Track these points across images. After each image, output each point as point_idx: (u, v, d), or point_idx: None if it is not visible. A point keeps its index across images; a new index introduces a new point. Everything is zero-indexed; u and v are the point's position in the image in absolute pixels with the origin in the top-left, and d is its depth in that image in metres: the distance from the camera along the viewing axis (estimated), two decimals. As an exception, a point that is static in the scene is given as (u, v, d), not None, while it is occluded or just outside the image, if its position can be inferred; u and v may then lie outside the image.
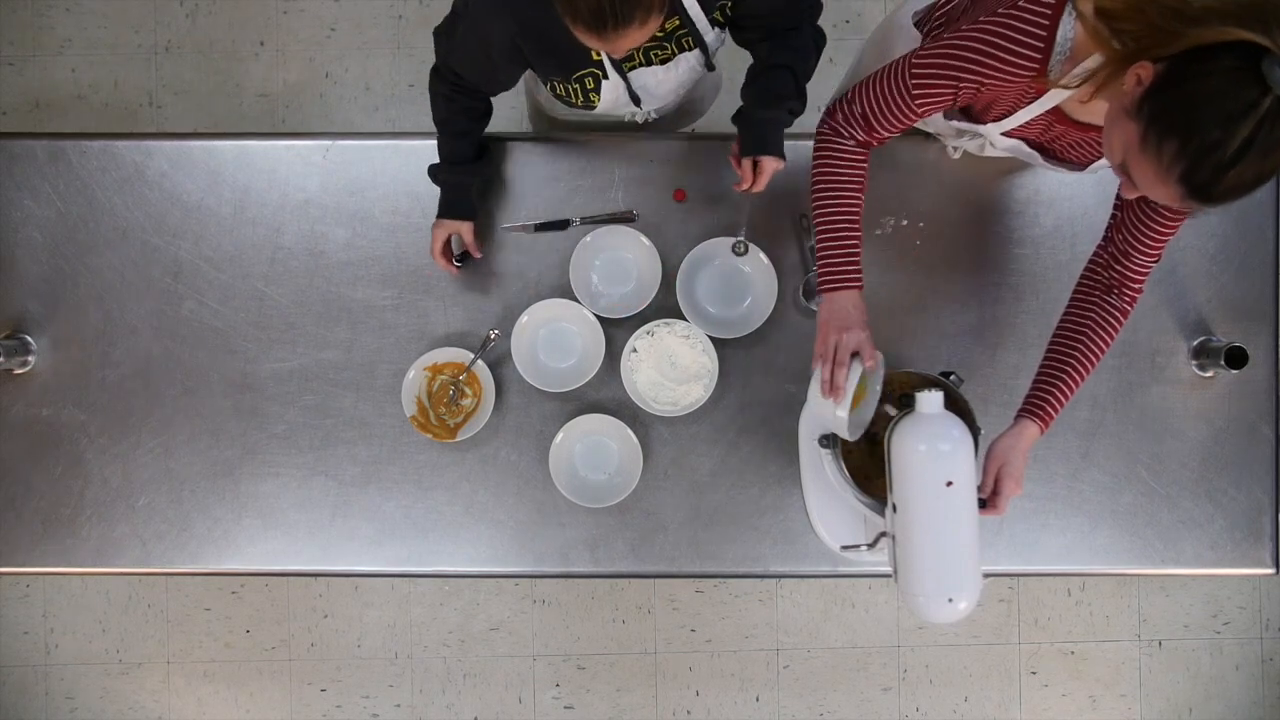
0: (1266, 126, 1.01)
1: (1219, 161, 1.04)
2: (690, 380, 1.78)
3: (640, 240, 1.79)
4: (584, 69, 1.56)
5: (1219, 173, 1.05)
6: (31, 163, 1.84)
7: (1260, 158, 1.03)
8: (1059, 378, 1.50)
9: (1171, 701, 2.81)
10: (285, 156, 1.85)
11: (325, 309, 1.84)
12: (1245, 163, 1.03)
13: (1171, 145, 1.06)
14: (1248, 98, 1.00)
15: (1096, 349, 1.51)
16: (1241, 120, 1.01)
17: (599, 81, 1.57)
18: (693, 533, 1.83)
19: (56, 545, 1.84)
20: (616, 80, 1.57)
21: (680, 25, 1.52)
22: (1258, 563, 1.83)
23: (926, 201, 1.83)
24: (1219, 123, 1.02)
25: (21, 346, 1.82)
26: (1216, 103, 1.02)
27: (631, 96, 1.61)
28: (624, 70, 1.56)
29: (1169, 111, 1.06)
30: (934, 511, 1.37)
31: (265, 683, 2.79)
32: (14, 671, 2.80)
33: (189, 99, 2.83)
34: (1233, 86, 1.01)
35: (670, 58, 1.57)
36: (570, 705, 2.78)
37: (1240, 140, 1.02)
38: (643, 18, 1.26)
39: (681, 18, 1.50)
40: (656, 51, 1.56)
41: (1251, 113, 1.01)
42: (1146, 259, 1.47)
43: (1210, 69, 1.03)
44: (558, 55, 1.53)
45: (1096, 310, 1.51)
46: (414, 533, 1.83)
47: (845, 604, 2.78)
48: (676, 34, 1.54)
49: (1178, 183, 1.08)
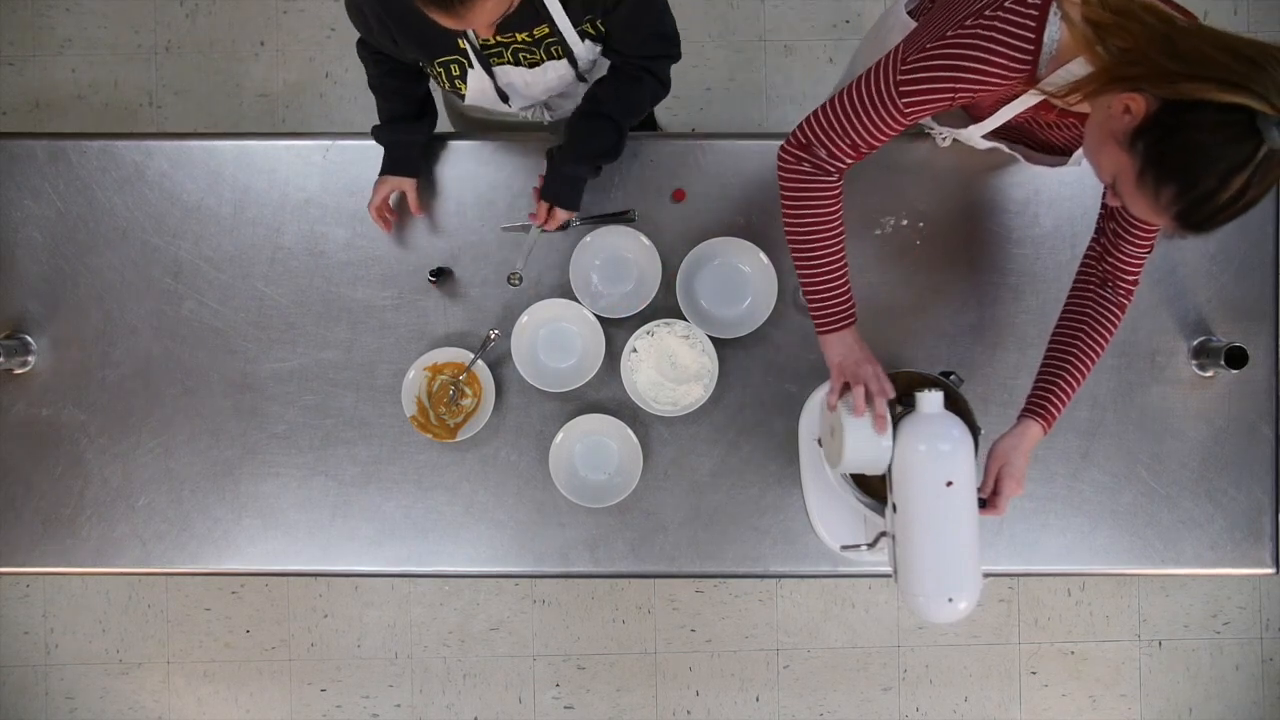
0: (1259, 174, 1.06)
1: (1214, 207, 1.09)
2: (690, 380, 1.78)
3: (640, 240, 1.79)
4: (447, 55, 1.55)
5: (1213, 215, 1.10)
6: (31, 163, 1.84)
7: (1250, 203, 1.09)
8: (1059, 376, 1.50)
9: (1171, 701, 2.81)
10: (285, 156, 1.85)
11: (325, 309, 1.84)
12: (1236, 208, 1.09)
13: (1169, 190, 1.10)
14: (1243, 152, 1.05)
15: (1096, 346, 1.51)
16: (1237, 173, 1.06)
17: (464, 69, 1.57)
18: (693, 533, 1.83)
19: (56, 545, 1.84)
20: (481, 73, 1.57)
21: (550, 34, 1.51)
22: (1258, 563, 1.83)
23: (926, 201, 1.83)
24: (1217, 175, 1.07)
25: (21, 346, 1.82)
26: (1214, 156, 1.06)
27: (498, 92, 1.62)
28: (489, 64, 1.56)
29: (1167, 157, 1.10)
30: (934, 511, 1.37)
31: (265, 683, 2.79)
32: (14, 671, 2.80)
33: (189, 99, 2.83)
34: (1230, 141, 1.05)
35: (539, 63, 1.57)
36: (570, 705, 2.78)
37: (1235, 189, 1.07)
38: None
39: (550, 26, 1.50)
40: (525, 54, 1.56)
41: (1247, 165, 1.05)
42: (1138, 248, 1.47)
43: (1207, 121, 1.07)
44: (420, 37, 1.52)
45: (1093, 306, 1.51)
46: (414, 533, 1.83)
47: (845, 604, 2.78)
48: (545, 41, 1.53)
49: (1171, 219, 1.13)
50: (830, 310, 1.48)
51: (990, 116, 1.42)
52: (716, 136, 1.90)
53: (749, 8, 2.83)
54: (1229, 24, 2.81)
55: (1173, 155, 1.09)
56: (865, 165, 1.79)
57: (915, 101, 1.31)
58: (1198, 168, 1.08)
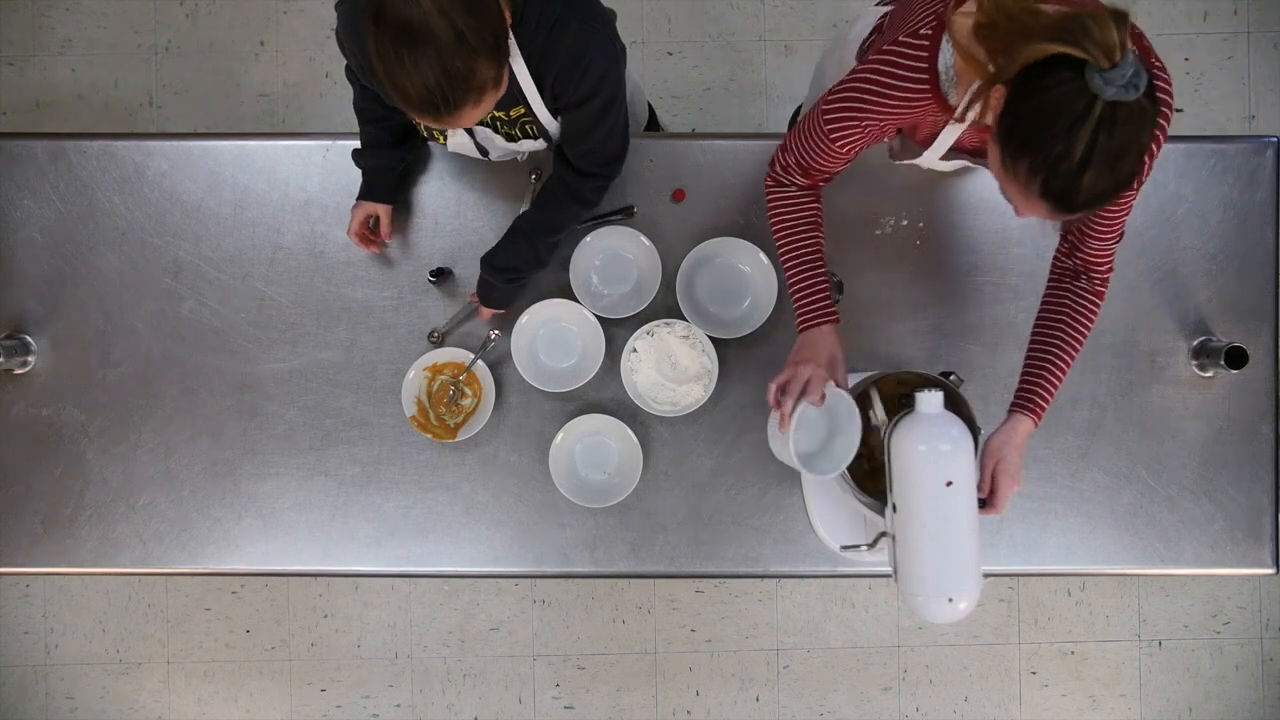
0: (1104, 132, 1.07)
1: (1069, 170, 1.09)
2: (690, 380, 1.78)
3: (640, 240, 1.79)
4: None
5: (1073, 181, 1.10)
6: (31, 163, 1.84)
7: (1109, 162, 1.09)
8: (1044, 368, 1.50)
9: (1171, 701, 2.81)
10: (285, 156, 1.85)
11: (325, 309, 1.84)
12: (1095, 168, 1.09)
13: (1024, 163, 1.12)
14: (1079, 107, 1.06)
15: (1077, 336, 1.51)
16: (1078, 129, 1.07)
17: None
18: (693, 533, 1.83)
19: (56, 545, 1.84)
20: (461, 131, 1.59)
21: (525, 114, 1.54)
22: (1258, 563, 1.83)
23: (926, 201, 1.83)
24: (1059, 135, 1.08)
25: (21, 346, 1.82)
26: (1053, 116, 1.09)
27: (478, 147, 1.65)
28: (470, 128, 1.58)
29: (1016, 130, 1.13)
30: (934, 511, 1.37)
31: (265, 683, 2.79)
32: (14, 671, 2.80)
33: (189, 99, 2.83)
34: (1065, 99, 1.07)
35: (515, 139, 1.60)
36: (570, 705, 2.78)
37: (1083, 147, 1.08)
38: (475, 99, 1.26)
39: (526, 108, 1.52)
40: (502, 128, 1.58)
41: (1086, 120, 1.06)
42: (1104, 241, 1.47)
43: (1045, 84, 1.09)
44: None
45: (1070, 297, 1.51)
46: (414, 533, 1.83)
47: (845, 604, 2.78)
48: (521, 121, 1.55)
49: (1040, 197, 1.14)
50: (805, 308, 1.54)
51: (933, 145, 1.44)
52: (716, 136, 1.90)
53: (749, 8, 2.83)
54: (1229, 24, 2.81)
55: (1019, 127, 1.12)
56: (866, 166, 1.80)
57: (838, 133, 1.40)
58: (1041, 132, 1.10)
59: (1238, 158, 1.83)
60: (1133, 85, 1.05)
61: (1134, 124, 1.07)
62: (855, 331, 1.82)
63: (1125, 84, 1.05)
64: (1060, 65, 1.08)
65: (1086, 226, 1.46)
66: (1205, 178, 1.83)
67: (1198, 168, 1.83)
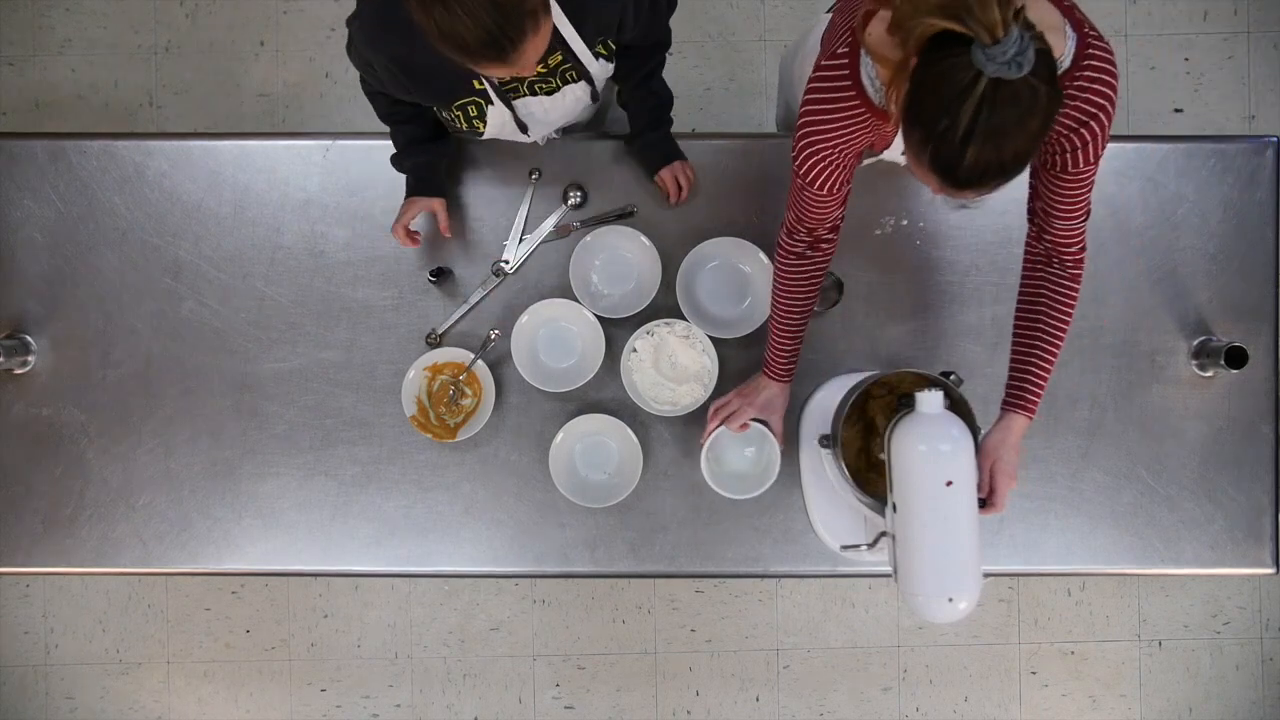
0: (987, 108, 1.08)
1: (952, 144, 1.11)
2: (690, 380, 1.78)
3: (640, 240, 1.79)
4: (465, 97, 1.55)
5: (956, 155, 1.11)
6: (31, 163, 1.84)
7: (993, 139, 1.10)
8: (1030, 362, 1.50)
9: (1171, 701, 2.81)
10: (285, 156, 1.85)
11: (325, 309, 1.84)
12: (977, 144, 1.10)
13: (916, 135, 1.15)
14: (962, 81, 1.08)
15: (1059, 324, 1.50)
16: (962, 102, 1.08)
17: (483, 109, 1.57)
18: (693, 533, 1.82)
19: (56, 545, 1.84)
20: (501, 108, 1.57)
21: (564, 60, 1.52)
22: (1258, 563, 1.83)
23: (926, 201, 1.83)
24: (943, 108, 1.10)
25: (21, 346, 1.82)
26: (940, 88, 1.10)
27: (518, 124, 1.62)
28: (509, 99, 1.56)
29: (910, 103, 1.15)
30: (934, 511, 1.37)
31: (265, 683, 2.79)
32: (14, 671, 2.80)
33: (189, 99, 2.83)
34: (951, 73, 1.09)
35: (555, 90, 1.58)
36: (570, 705, 2.78)
37: (966, 121, 1.09)
38: (533, 24, 1.24)
39: (564, 52, 1.50)
40: (541, 85, 1.56)
41: (969, 95, 1.08)
42: (1070, 220, 1.45)
43: (936, 59, 1.11)
44: (435, 86, 1.52)
45: (1046, 285, 1.50)
46: (414, 533, 1.83)
47: (845, 604, 2.78)
48: (560, 68, 1.54)
49: (929, 170, 1.16)
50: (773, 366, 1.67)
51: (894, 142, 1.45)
52: (716, 136, 1.90)
53: (749, 8, 2.83)
54: (1229, 24, 2.81)
55: (913, 99, 1.14)
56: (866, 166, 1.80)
57: (810, 174, 1.41)
58: (929, 104, 1.12)
59: (1238, 158, 1.83)
60: (1016, 63, 1.05)
61: (1019, 104, 1.08)
62: (855, 331, 1.82)
63: (1008, 60, 1.05)
64: (956, 41, 1.09)
65: (1049, 206, 1.45)
66: (1205, 178, 1.83)
67: (1198, 168, 1.83)
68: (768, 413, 1.69)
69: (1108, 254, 1.83)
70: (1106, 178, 1.79)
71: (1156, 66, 2.81)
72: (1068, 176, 1.39)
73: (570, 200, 1.82)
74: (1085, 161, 1.36)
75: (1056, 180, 1.40)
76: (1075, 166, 1.37)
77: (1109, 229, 1.83)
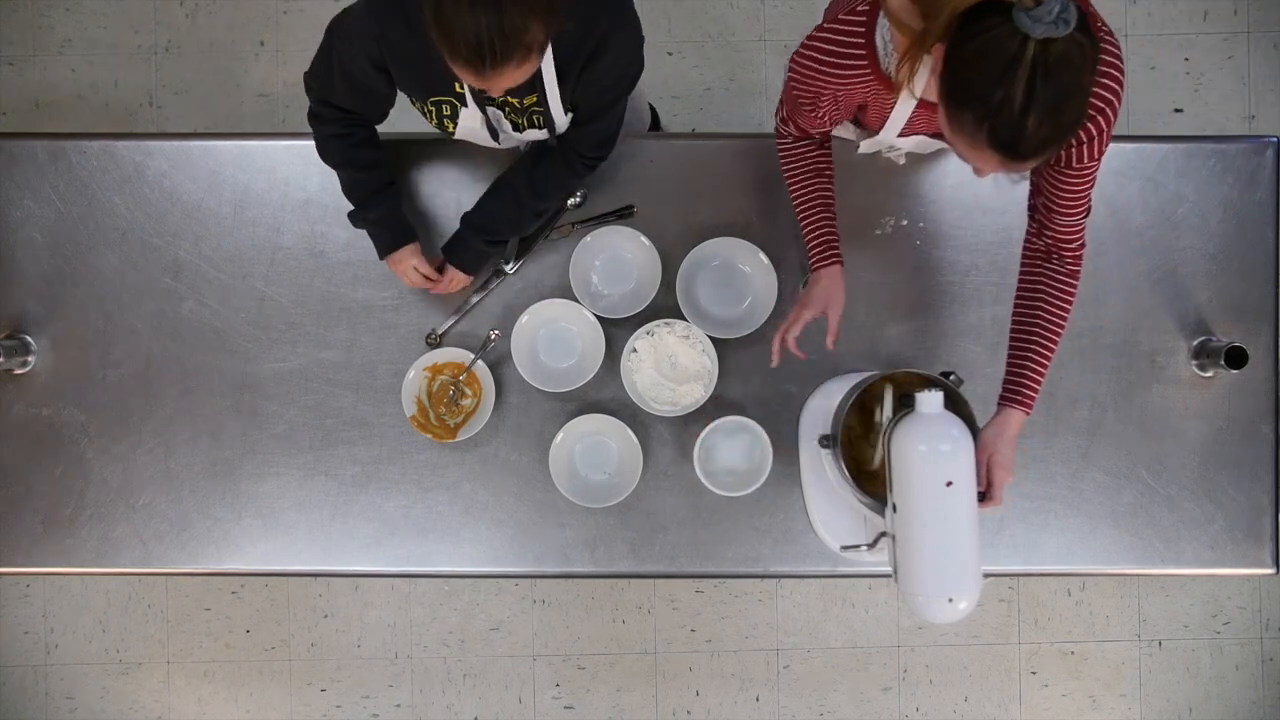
0: (1040, 73, 1.06)
1: (1011, 116, 1.09)
2: (690, 380, 1.78)
3: (640, 240, 1.79)
4: (443, 95, 1.55)
5: (1017, 127, 1.10)
6: (31, 163, 1.84)
7: (1051, 105, 1.08)
8: (1028, 356, 1.50)
9: (1171, 701, 2.81)
10: (285, 156, 1.85)
11: (325, 309, 1.84)
12: (1037, 112, 1.08)
13: (968, 115, 1.12)
14: (1011, 49, 1.06)
15: (1057, 320, 1.50)
16: (1014, 71, 1.06)
17: (456, 110, 1.57)
18: (693, 533, 1.82)
19: (56, 545, 1.84)
20: (474, 111, 1.56)
21: (537, 104, 1.53)
22: (1258, 563, 1.83)
23: (926, 201, 1.83)
24: (995, 81, 1.08)
25: (21, 346, 1.82)
26: (988, 61, 1.08)
27: (490, 130, 1.62)
28: (484, 105, 1.56)
29: (955, 84, 1.13)
30: (934, 511, 1.37)
31: (265, 683, 2.79)
32: (14, 671, 2.80)
33: (189, 99, 2.83)
34: (997, 42, 1.07)
35: (521, 128, 1.60)
36: (570, 705, 2.78)
37: (1022, 91, 1.07)
38: (520, 58, 1.26)
39: (540, 97, 1.51)
40: (511, 115, 1.57)
41: (1019, 62, 1.06)
42: (1071, 216, 1.45)
43: (976, 31, 1.09)
44: (420, 76, 1.52)
45: (1045, 280, 1.50)
46: (414, 533, 1.83)
47: (845, 604, 2.78)
48: (530, 110, 1.55)
49: (989, 148, 1.13)
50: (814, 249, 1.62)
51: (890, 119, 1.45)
52: (716, 136, 1.90)
53: (749, 8, 2.83)
54: (1229, 24, 2.81)
55: (958, 77, 1.12)
56: (865, 166, 1.80)
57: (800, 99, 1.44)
58: (979, 80, 1.09)
59: (1238, 158, 1.83)
60: (1062, 20, 1.04)
61: (1071, 63, 1.07)
62: (855, 331, 1.82)
63: (1054, 19, 1.04)
64: (989, 12, 1.07)
65: (1051, 202, 1.44)
66: (1205, 178, 1.83)
67: (1198, 168, 1.83)
68: (827, 307, 1.62)
69: (1108, 254, 1.83)
70: (1106, 178, 1.79)
71: (1156, 66, 2.81)
72: (1071, 172, 1.39)
73: (570, 200, 1.82)
74: (1090, 157, 1.36)
75: (1059, 176, 1.40)
76: (1079, 162, 1.37)
77: (1109, 229, 1.83)
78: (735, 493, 1.75)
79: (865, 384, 1.57)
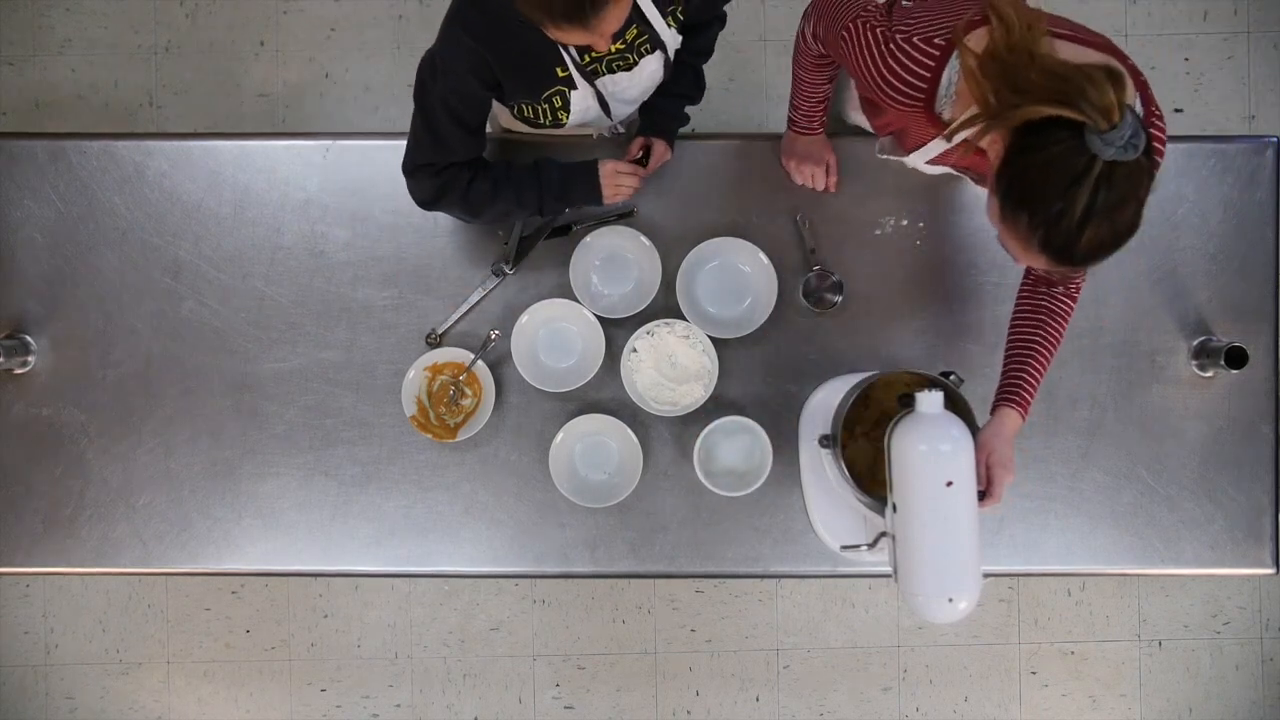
0: (1103, 189, 1.08)
1: (1069, 227, 1.11)
2: (690, 380, 1.78)
3: (640, 240, 1.79)
4: (551, 87, 1.56)
5: (1073, 237, 1.12)
6: (31, 163, 1.84)
7: (1107, 218, 1.10)
8: (1027, 364, 1.52)
9: (1171, 701, 2.81)
10: (285, 156, 1.85)
11: (325, 309, 1.84)
12: (1094, 224, 1.10)
13: (1024, 218, 1.14)
14: (1077, 166, 1.08)
15: (1055, 336, 1.53)
16: (1078, 187, 1.08)
17: (566, 98, 1.58)
18: (693, 533, 1.82)
19: (56, 545, 1.84)
20: (585, 90, 1.57)
21: (640, 33, 1.54)
22: (1258, 563, 1.83)
23: (926, 201, 1.83)
24: (1059, 193, 1.10)
25: (21, 346, 1.82)
26: (1053, 174, 1.10)
27: (602, 105, 1.62)
28: (592, 79, 1.57)
29: (1015, 186, 1.14)
30: (934, 511, 1.37)
31: (265, 683, 2.79)
32: (14, 671, 2.80)
33: (189, 99, 2.83)
34: (1064, 157, 1.09)
35: (634, 65, 1.59)
36: (570, 705, 2.78)
37: (1083, 206, 1.09)
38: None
39: (640, 25, 1.53)
40: (619, 62, 1.57)
41: (1085, 179, 1.08)
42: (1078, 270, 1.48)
43: (1043, 142, 1.11)
44: (525, 76, 1.53)
45: (1046, 302, 1.53)
46: (414, 533, 1.83)
47: (845, 604, 2.78)
48: (637, 42, 1.55)
49: (1040, 251, 1.15)
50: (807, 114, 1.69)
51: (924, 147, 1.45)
52: (716, 136, 1.90)
53: (749, 8, 2.83)
54: (1229, 24, 2.81)
55: (1019, 182, 1.13)
56: (865, 166, 1.80)
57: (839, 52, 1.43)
58: (1041, 189, 1.11)
59: (1238, 158, 1.83)
60: (1131, 145, 1.07)
61: (1130, 180, 1.09)
62: (855, 331, 1.82)
63: (1124, 144, 1.06)
64: (1058, 124, 1.09)
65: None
66: (1205, 178, 1.83)
67: (1198, 168, 1.83)
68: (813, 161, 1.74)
69: (1108, 254, 1.83)
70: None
71: (1156, 66, 2.81)
72: None
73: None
74: None
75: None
76: None
77: (1109, 229, 1.83)
78: (735, 493, 1.75)
79: (865, 384, 1.57)
